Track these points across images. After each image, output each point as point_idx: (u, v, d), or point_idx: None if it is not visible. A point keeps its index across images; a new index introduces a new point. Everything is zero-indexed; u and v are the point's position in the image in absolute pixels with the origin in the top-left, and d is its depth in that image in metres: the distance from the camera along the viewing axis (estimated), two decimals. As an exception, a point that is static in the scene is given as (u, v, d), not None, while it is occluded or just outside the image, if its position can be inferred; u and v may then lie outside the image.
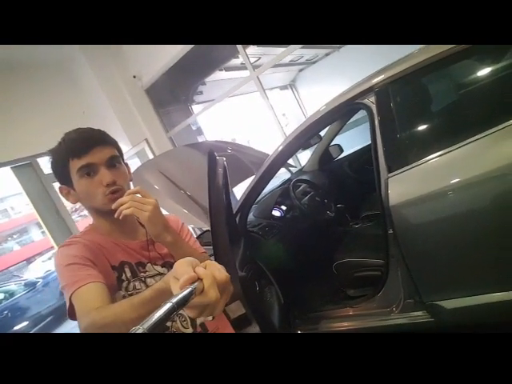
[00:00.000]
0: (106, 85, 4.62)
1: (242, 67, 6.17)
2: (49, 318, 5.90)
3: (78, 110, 4.43)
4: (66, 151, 0.82)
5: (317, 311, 1.79)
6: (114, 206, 0.77)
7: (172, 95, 5.48)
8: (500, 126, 1.12)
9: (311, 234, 2.00)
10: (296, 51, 6.19)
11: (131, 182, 0.92)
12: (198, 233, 2.48)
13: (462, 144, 1.20)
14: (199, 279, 0.50)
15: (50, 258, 12.89)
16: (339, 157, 2.90)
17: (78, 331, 0.70)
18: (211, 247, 1.74)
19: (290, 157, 1.73)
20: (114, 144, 0.88)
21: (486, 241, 1.19)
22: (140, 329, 0.40)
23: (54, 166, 0.86)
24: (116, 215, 0.76)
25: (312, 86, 8.34)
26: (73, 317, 0.76)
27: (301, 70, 8.36)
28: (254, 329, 0.99)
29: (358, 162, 2.74)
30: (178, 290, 0.48)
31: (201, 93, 6.02)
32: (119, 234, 0.90)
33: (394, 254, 1.48)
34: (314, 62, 7.99)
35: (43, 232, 18.70)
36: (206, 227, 2.09)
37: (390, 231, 1.42)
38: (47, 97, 4.20)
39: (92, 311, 0.69)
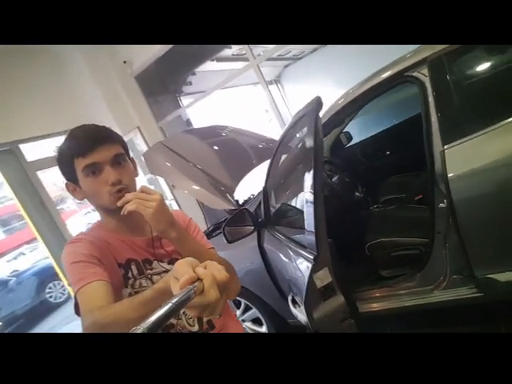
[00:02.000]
0: (95, 69, 4.39)
1: (234, 58, 6.10)
2: (23, 319, 5.49)
3: (66, 96, 4.16)
4: (71, 150, 0.82)
5: (353, 292, 1.75)
6: (119, 204, 0.78)
7: (161, 84, 5.30)
8: None
9: (340, 215, 1.97)
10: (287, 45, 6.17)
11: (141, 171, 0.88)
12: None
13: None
14: (199, 279, 0.51)
15: (15, 258, 12.05)
16: (349, 144, 2.89)
17: (57, 331, 0.68)
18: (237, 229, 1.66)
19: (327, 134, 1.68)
20: (119, 141, 0.87)
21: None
22: (140, 329, 0.41)
23: (59, 163, 0.86)
24: (121, 213, 0.77)
25: (297, 82, 8.37)
26: (79, 313, 0.77)
27: (286, 66, 8.38)
28: (339, 299, 0.93)
29: (371, 149, 2.75)
30: (178, 290, 0.49)
31: (190, 83, 5.87)
32: (126, 230, 0.90)
33: (441, 229, 1.48)
34: (300, 58, 8.03)
35: (5, 231, 17.51)
36: (225, 206, 2.00)
37: (441, 205, 1.41)
38: (33, 81, 3.90)
39: (95, 310, 0.69)
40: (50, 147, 3.96)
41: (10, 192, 3.86)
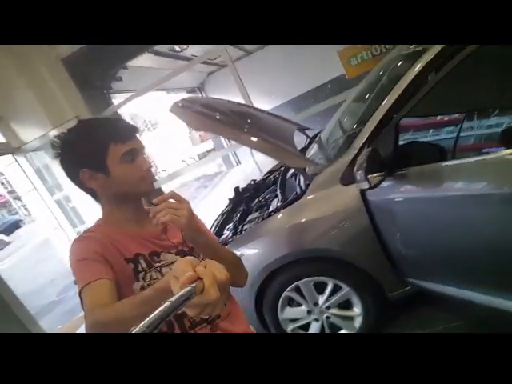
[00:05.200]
0: (9, 50, 3.37)
1: (173, 55, 5.58)
2: None
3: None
4: (108, 136, 0.83)
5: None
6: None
7: (88, 76, 4.44)
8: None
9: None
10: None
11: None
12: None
13: None
14: (199, 278, 0.51)
15: None
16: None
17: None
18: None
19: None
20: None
21: None
22: (139, 328, 0.41)
23: (87, 149, 0.83)
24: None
25: (220, 91, 8.22)
26: None
27: (210, 73, 8.17)
28: None
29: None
30: (178, 289, 0.50)
31: (120, 79, 5.11)
32: (132, 222, 0.91)
33: None
34: (225, 66, 7.92)
35: None
36: (303, 164, 1.66)
37: None
38: None
39: (96, 308, 0.70)
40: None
41: None
